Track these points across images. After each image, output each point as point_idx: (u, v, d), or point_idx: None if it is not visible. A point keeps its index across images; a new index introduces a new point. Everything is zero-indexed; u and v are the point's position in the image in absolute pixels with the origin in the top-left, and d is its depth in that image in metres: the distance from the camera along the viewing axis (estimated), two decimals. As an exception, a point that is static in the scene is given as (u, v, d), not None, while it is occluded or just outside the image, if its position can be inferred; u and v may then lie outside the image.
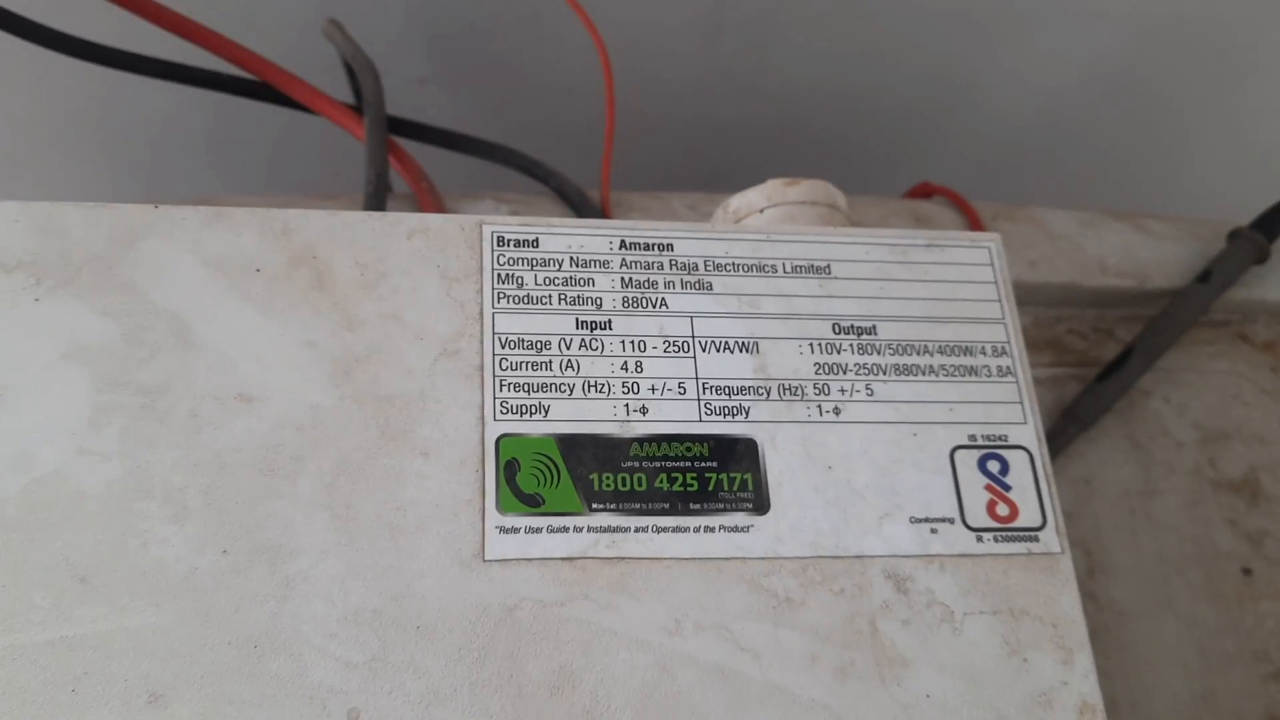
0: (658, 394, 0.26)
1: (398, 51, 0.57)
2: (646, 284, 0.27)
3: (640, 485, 0.25)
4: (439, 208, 0.38)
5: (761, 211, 0.30)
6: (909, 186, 0.48)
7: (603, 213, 0.40)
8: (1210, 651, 0.38)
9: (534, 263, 0.27)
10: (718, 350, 0.27)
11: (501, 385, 0.25)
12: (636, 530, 0.24)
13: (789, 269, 0.28)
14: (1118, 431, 0.41)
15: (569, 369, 0.26)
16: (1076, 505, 0.40)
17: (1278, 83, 0.61)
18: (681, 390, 0.26)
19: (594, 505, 0.24)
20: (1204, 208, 0.63)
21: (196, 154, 0.59)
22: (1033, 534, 0.26)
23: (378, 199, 0.36)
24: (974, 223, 0.42)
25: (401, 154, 0.40)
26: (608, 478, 0.25)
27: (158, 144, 0.58)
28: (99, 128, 0.56)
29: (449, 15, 0.56)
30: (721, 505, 0.25)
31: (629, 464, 0.25)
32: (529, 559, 0.24)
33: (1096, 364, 0.42)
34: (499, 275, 0.26)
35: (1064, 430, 0.40)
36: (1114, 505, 0.40)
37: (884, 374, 0.27)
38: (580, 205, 0.40)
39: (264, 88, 0.40)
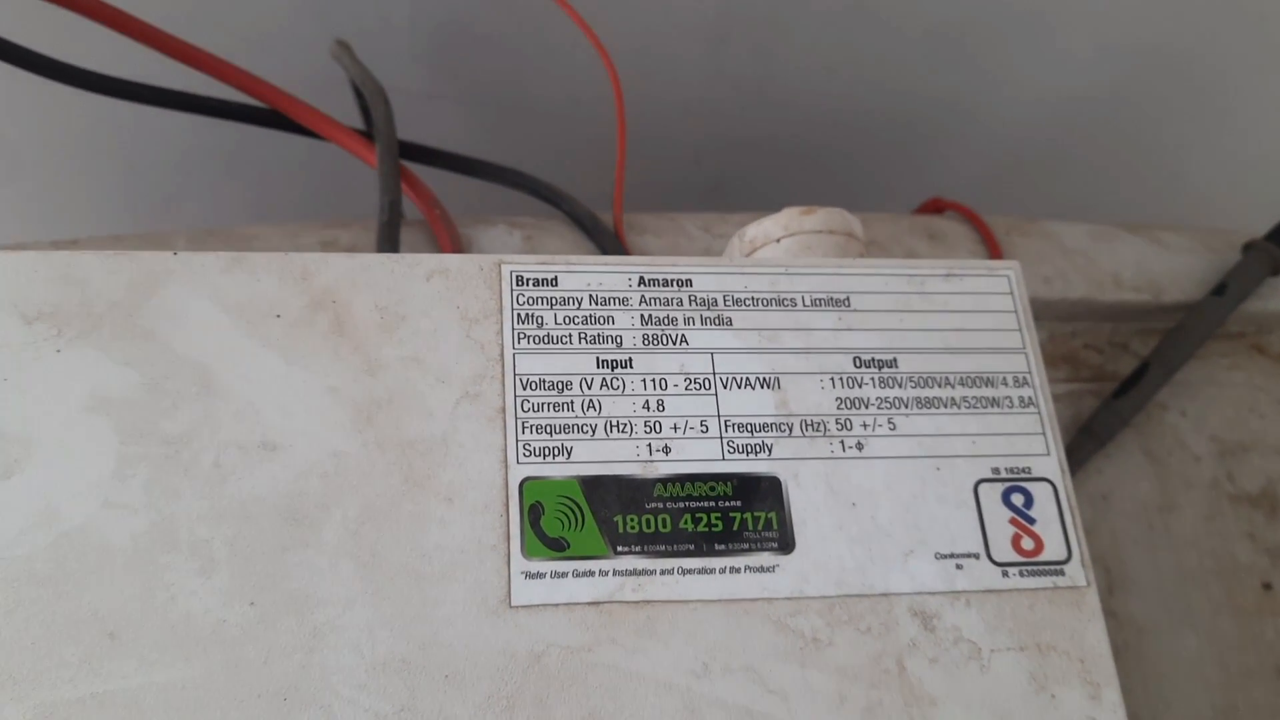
0: (680, 433, 0.26)
1: (404, 67, 0.57)
2: (666, 320, 0.27)
3: (665, 526, 0.25)
4: (452, 234, 0.38)
5: (778, 241, 0.30)
6: (915, 193, 0.48)
7: (616, 236, 0.40)
8: (1231, 666, 0.38)
9: (553, 301, 0.27)
10: (739, 387, 0.26)
11: (524, 427, 0.25)
12: (662, 573, 0.24)
13: (808, 302, 0.28)
14: (1135, 446, 0.41)
15: (591, 409, 0.26)
16: (1095, 521, 0.40)
17: (1255, 101, 0.61)
18: (704, 428, 0.26)
19: (619, 548, 0.24)
20: (1200, 218, 0.63)
21: (211, 180, 0.59)
22: (1058, 568, 0.26)
23: (392, 228, 0.36)
24: (987, 238, 0.42)
25: (414, 180, 0.39)
26: (632, 519, 0.25)
27: (172, 170, 0.58)
28: (113, 154, 0.56)
29: (454, 30, 0.56)
30: (746, 545, 0.25)
31: (653, 505, 0.25)
32: (555, 604, 0.24)
33: (1112, 378, 0.42)
34: (519, 315, 0.26)
35: (1081, 446, 0.40)
36: (1132, 520, 0.40)
37: (906, 407, 0.27)
38: (593, 229, 0.40)
39: (274, 115, 0.40)
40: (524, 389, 0.26)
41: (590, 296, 0.27)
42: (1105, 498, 0.40)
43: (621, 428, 0.26)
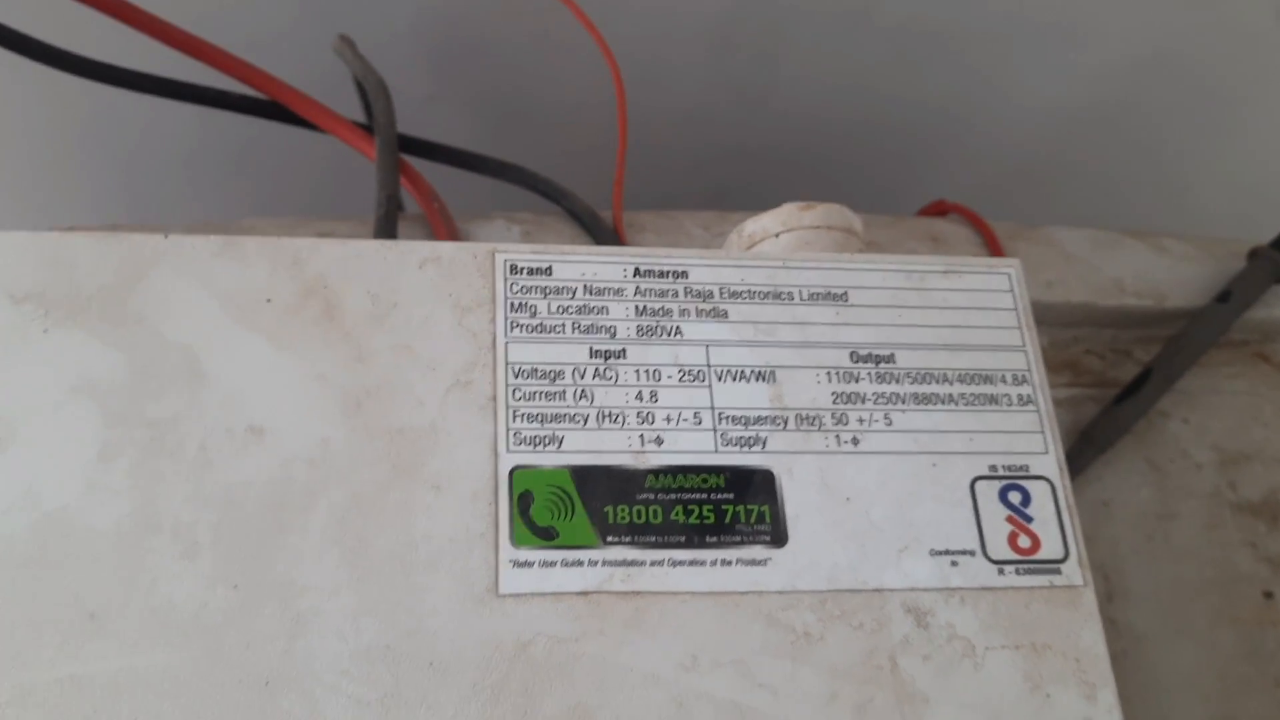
0: (673, 424, 0.25)
1: (407, 71, 0.57)
2: (661, 312, 0.27)
3: (656, 518, 0.24)
4: (450, 229, 0.38)
5: (777, 236, 0.30)
6: (917, 201, 0.48)
7: (615, 233, 0.40)
8: (1229, 676, 0.38)
9: (547, 291, 0.27)
10: (734, 379, 0.26)
11: (515, 416, 0.25)
12: (652, 564, 0.24)
13: (805, 296, 0.27)
14: (1136, 453, 0.41)
15: (583, 399, 0.25)
16: (1094, 529, 0.39)
17: (1260, 109, 0.61)
18: (697, 420, 0.26)
19: (609, 538, 0.24)
20: (1205, 227, 0.63)
21: (213, 178, 0.59)
22: (1055, 566, 0.25)
23: (389, 221, 0.36)
24: (990, 241, 0.42)
25: (413, 174, 0.39)
26: (623, 510, 0.24)
27: (174, 167, 0.58)
28: (115, 149, 0.56)
29: (457, 32, 0.56)
30: (738, 538, 0.24)
31: (644, 496, 0.25)
32: (543, 594, 0.23)
33: (1114, 384, 0.41)
34: (512, 304, 0.26)
35: (1081, 453, 0.39)
36: (1132, 528, 0.39)
37: (902, 403, 0.27)
38: (592, 226, 0.39)
39: (275, 107, 0.40)
40: (516, 378, 0.25)
41: (585, 287, 0.27)
42: (1105, 505, 0.40)
43: (614, 418, 0.25)
